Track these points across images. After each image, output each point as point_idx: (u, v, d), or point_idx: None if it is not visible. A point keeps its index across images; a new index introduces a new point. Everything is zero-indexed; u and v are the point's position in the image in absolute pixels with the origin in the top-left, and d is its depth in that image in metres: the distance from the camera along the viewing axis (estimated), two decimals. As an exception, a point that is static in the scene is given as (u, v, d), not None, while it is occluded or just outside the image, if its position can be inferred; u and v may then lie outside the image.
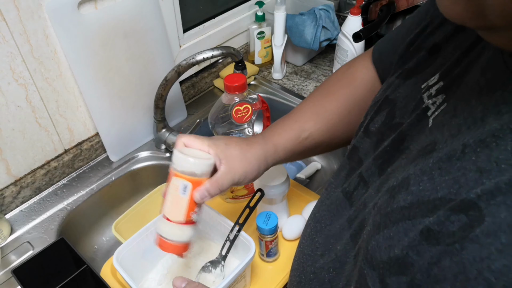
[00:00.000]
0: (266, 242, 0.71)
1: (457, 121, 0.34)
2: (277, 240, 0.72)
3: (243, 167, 0.56)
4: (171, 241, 0.54)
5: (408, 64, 0.48)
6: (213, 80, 1.23)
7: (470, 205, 0.28)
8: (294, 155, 0.64)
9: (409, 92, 0.45)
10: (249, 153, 0.57)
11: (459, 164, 0.31)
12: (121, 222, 0.80)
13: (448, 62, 0.42)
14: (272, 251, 0.73)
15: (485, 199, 0.28)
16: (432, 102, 0.40)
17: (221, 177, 0.54)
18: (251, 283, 0.71)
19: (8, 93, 0.77)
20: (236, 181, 0.56)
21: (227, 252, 0.65)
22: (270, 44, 1.25)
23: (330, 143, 0.65)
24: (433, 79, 0.42)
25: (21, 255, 0.80)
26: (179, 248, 0.54)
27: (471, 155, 0.30)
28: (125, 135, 0.99)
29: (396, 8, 1.16)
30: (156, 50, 0.96)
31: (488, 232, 0.27)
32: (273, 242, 0.71)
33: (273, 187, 0.71)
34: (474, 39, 0.40)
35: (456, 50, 0.42)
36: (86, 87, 0.86)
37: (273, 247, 0.72)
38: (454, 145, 0.32)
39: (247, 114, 0.73)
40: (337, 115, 0.64)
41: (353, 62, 0.67)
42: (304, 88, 1.23)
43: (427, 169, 0.34)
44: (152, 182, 0.98)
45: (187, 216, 0.53)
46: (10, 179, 0.85)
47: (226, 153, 0.55)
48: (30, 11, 0.74)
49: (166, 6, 0.98)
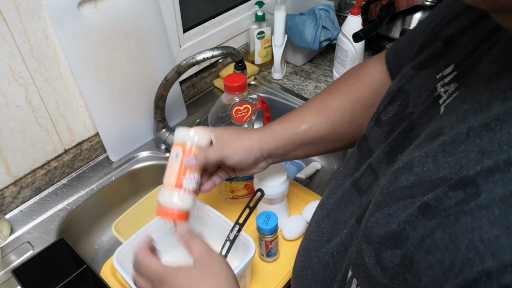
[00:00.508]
0: (266, 242, 0.71)
1: (465, 107, 0.35)
2: (277, 240, 0.72)
3: (234, 144, 0.61)
4: (163, 206, 0.58)
5: (424, 55, 0.49)
6: (213, 80, 1.23)
7: (468, 182, 0.29)
8: (293, 146, 0.64)
9: (424, 82, 0.46)
10: (243, 134, 0.62)
11: (463, 146, 0.32)
12: (121, 222, 0.80)
13: (462, 53, 0.43)
14: (272, 251, 0.73)
15: (483, 176, 0.28)
16: (445, 90, 0.41)
17: (211, 149, 0.60)
18: (251, 283, 0.71)
19: (8, 93, 0.77)
20: (225, 155, 0.60)
21: (227, 252, 0.65)
22: (270, 44, 1.25)
23: (331, 139, 0.65)
24: (448, 69, 0.43)
25: (21, 255, 0.80)
26: (172, 214, 0.58)
27: (475, 138, 0.31)
28: (125, 135, 0.99)
29: (396, 8, 1.16)
30: (156, 50, 0.96)
31: (482, 205, 0.27)
32: (273, 242, 0.71)
33: (273, 187, 0.71)
34: (488, 32, 0.41)
35: (471, 42, 0.42)
36: (86, 87, 0.86)
37: (273, 247, 0.72)
38: (460, 129, 0.33)
39: (247, 114, 0.73)
40: (339, 112, 0.64)
41: (363, 64, 0.67)
42: (304, 88, 1.23)
43: (431, 151, 0.34)
44: (152, 182, 0.98)
45: (178, 180, 0.58)
46: (10, 179, 0.85)
47: (221, 132, 0.62)
48: (30, 11, 0.74)
49: (166, 6, 0.98)
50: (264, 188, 0.70)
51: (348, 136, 0.65)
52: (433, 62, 0.46)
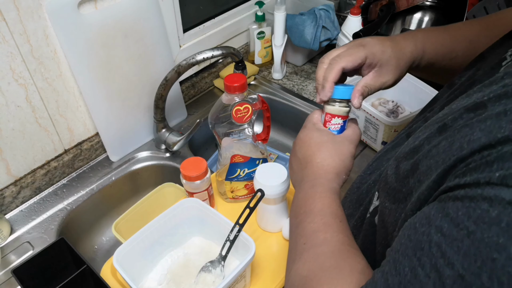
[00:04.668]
0: (330, 113, 0.59)
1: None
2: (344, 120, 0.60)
3: (394, 75, 0.59)
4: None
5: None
6: (213, 80, 1.23)
7: (480, 105, 0.34)
8: (433, 69, 0.64)
9: (502, 49, 0.48)
10: (402, 61, 0.59)
11: (494, 86, 0.36)
12: (121, 222, 0.80)
13: None
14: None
15: (493, 101, 0.33)
16: (510, 53, 0.43)
17: (372, 79, 0.58)
18: (251, 283, 0.71)
19: (8, 93, 0.77)
20: (386, 86, 0.60)
21: (227, 252, 0.65)
22: (270, 44, 1.25)
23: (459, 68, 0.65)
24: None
25: (21, 255, 0.80)
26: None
27: (507, 78, 0.35)
28: (125, 135, 0.99)
29: (396, 8, 1.16)
30: (156, 50, 0.96)
31: (480, 119, 0.32)
32: (337, 118, 0.59)
33: (273, 187, 0.71)
34: None
35: None
36: (86, 87, 0.86)
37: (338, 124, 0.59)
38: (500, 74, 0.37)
39: (247, 114, 0.73)
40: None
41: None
42: (304, 88, 1.23)
43: (471, 92, 0.38)
44: (152, 182, 0.98)
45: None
46: (10, 179, 0.85)
47: (382, 59, 0.58)
48: (30, 11, 0.74)
49: (166, 6, 0.98)
50: (264, 188, 0.70)
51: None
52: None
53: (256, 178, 0.72)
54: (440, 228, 0.30)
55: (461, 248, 0.28)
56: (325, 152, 0.54)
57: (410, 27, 1.19)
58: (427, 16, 1.19)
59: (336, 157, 0.54)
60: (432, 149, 0.36)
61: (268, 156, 0.90)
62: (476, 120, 0.33)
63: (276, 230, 0.78)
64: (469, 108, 0.35)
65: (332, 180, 0.52)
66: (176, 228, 0.71)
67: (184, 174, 0.73)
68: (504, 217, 0.26)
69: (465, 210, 0.29)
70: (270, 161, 0.89)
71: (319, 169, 0.53)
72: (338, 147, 0.55)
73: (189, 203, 0.71)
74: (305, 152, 0.56)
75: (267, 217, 0.77)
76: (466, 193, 0.29)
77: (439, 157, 0.34)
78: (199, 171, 0.73)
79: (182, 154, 1.02)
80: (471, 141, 0.31)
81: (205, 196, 0.76)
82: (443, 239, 0.29)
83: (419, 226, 0.32)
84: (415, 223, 0.33)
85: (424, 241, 0.31)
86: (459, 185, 0.31)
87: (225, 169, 0.79)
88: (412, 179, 0.38)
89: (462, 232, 0.28)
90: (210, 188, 0.77)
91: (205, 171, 0.74)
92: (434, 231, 0.30)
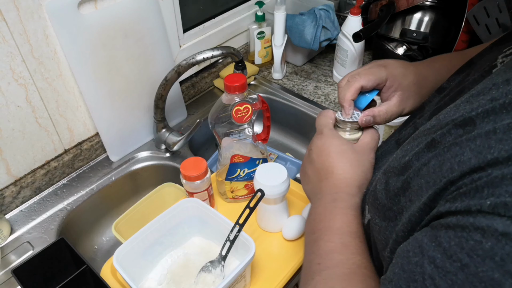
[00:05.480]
0: None
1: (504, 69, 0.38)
2: None
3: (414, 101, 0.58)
4: None
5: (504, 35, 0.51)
6: (213, 80, 1.23)
7: (469, 121, 0.34)
8: None
9: (491, 56, 0.47)
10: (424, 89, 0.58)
11: (482, 96, 0.36)
12: (121, 222, 0.80)
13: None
14: None
15: (481, 117, 0.33)
16: (502, 60, 0.43)
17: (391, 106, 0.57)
18: (251, 283, 0.71)
19: (8, 93, 0.77)
20: (404, 114, 0.58)
21: (227, 252, 0.65)
22: (270, 44, 1.25)
23: None
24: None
25: (21, 255, 0.80)
26: None
27: (494, 90, 0.35)
28: (125, 135, 0.99)
29: (396, 8, 1.16)
30: (156, 50, 0.96)
31: (469, 138, 0.32)
32: None
33: (273, 187, 0.71)
34: None
35: None
36: (86, 87, 0.86)
37: None
38: (488, 84, 0.37)
39: (247, 114, 0.73)
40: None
41: None
42: (304, 88, 1.23)
43: (459, 102, 0.39)
44: (152, 182, 0.98)
45: None
46: (10, 179, 0.85)
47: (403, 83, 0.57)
48: (30, 11, 0.74)
49: (166, 6, 0.98)
50: (264, 188, 0.70)
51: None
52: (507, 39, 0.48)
53: (256, 178, 0.72)
54: (433, 259, 0.29)
55: (455, 282, 0.27)
56: (346, 163, 0.51)
57: (410, 27, 1.19)
58: (427, 16, 1.19)
59: (358, 168, 0.51)
60: (422, 167, 0.36)
61: (268, 156, 0.90)
62: (465, 139, 0.32)
63: (276, 230, 0.78)
64: (457, 123, 0.35)
65: (354, 194, 0.49)
66: (176, 228, 0.71)
67: (184, 174, 0.73)
68: (498, 250, 0.26)
69: (458, 240, 0.28)
70: (270, 161, 0.89)
71: (340, 182, 0.51)
72: (360, 157, 0.53)
73: (189, 203, 0.71)
74: (323, 161, 0.53)
75: (267, 217, 0.77)
76: (458, 221, 0.29)
77: (429, 177, 0.34)
78: (199, 171, 0.73)
79: (182, 154, 1.02)
80: (461, 162, 0.31)
81: (205, 196, 0.76)
82: (437, 272, 0.29)
83: (412, 256, 0.32)
84: (408, 251, 0.32)
85: (417, 272, 0.30)
86: (450, 211, 0.30)
87: (225, 169, 0.79)
88: (404, 197, 0.37)
89: (456, 264, 0.28)
90: (210, 188, 0.77)
91: (205, 171, 0.74)
92: (427, 262, 0.30)
